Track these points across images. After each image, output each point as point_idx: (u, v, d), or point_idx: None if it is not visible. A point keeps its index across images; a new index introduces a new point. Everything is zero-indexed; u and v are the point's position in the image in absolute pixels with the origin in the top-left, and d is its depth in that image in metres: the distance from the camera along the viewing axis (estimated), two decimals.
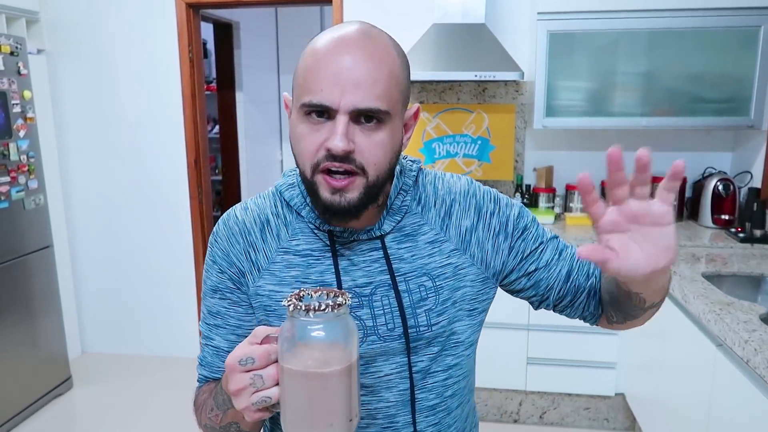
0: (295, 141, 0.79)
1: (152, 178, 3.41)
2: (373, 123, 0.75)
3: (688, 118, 2.67)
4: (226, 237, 0.89)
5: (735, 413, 1.59)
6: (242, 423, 0.80)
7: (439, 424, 0.92)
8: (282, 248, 0.87)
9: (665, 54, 2.62)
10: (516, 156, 3.12)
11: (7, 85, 2.76)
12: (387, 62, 0.76)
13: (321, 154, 0.76)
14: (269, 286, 0.86)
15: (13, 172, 2.79)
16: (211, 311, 0.90)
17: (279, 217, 0.89)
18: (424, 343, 0.87)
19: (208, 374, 0.91)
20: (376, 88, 0.74)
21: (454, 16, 2.78)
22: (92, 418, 2.94)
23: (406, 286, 0.86)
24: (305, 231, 0.87)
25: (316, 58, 0.75)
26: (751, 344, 1.45)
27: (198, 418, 0.89)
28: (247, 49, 4.61)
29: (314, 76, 0.74)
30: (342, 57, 0.73)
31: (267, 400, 0.68)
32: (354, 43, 0.75)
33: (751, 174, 2.79)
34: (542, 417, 2.80)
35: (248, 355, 0.68)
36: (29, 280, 2.91)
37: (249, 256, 0.87)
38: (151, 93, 3.32)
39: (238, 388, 0.69)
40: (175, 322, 3.54)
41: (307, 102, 0.74)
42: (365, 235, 0.85)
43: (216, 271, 0.89)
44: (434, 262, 0.88)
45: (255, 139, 4.82)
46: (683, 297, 1.93)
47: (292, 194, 0.88)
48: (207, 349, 0.91)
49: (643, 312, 0.87)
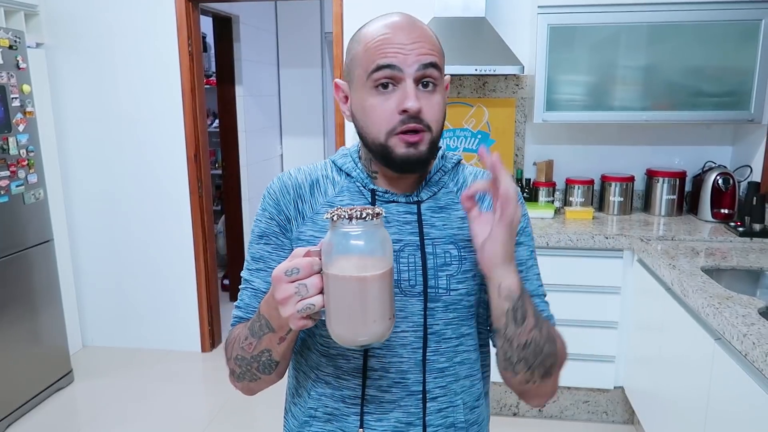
0: (365, 114, 0.89)
1: (152, 172, 3.41)
2: (430, 87, 0.87)
3: (688, 112, 2.67)
4: (279, 189, 0.98)
5: (733, 406, 1.60)
6: (274, 351, 0.87)
7: (446, 388, 0.97)
8: (327, 202, 0.96)
9: (665, 48, 2.62)
10: (516, 150, 3.11)
11: (6, 79, 2.75)
12: (434, 37, 0.90)
13: (396, 120, 0.86)
14: (310, 231, 0.95)
15: (12, 167, 2.79)
16: (255, 257, 0.97)
17: (328, 179, 0.98)
18: (441, 307, 0.94)
19: (244, 315, 0.97)
20: (433, 46, 0.87)
21: (454, 10, 2.77)
22: (93, 412, 2.96)
23: (433, 250, 0.94)
24: (351, 189, 0.96)
25: (374, 36, 0.87)
26: (749, 338, 1.45)
27: (228, 353, 0.95)
28: (247, 43, 4.59)
29: (378, 48, 0.85)
30: (398, 31, 0.86)
31: (311, 307, 0.74)
32: (406, 22, 0.88)
33: (750, 168, 2.79)
34: (541, 410, 2.81)
35: (294, 266, 0.74)
36: (30, 274, 2.91)
37: (297, 205, 0.96)
38: (150, 87, 3.31)
39: (285, 296, 0.74)
40: (176, 316, 3.55)
41: (375, 66, 0.85)
42: (404, 199, 0.95)
43: (266, 218, 0.97)
44: (463, 234, 0.95)
45: (255, 133, 4.81)
46: (682, 291, 1.93)
47: (345, 161, 0.99)
48: (246, 292, 0.97)
49: (498, 347, 0.89)
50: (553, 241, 2.54)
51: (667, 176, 2.89)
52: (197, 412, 2.89)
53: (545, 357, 0.89)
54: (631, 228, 2.67)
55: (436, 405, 0.96)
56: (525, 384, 0.91)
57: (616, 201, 2.95)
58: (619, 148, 3.07)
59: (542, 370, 0.90)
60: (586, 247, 2.53)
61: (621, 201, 2.95)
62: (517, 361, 0.88)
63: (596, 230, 2.61)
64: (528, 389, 0.93)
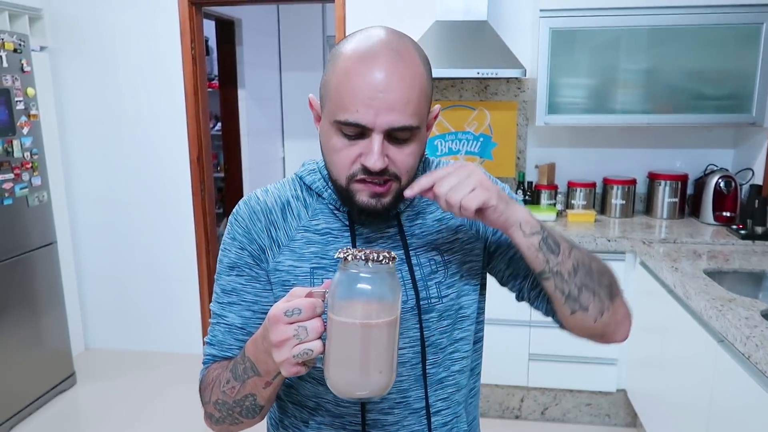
0: (328, 151, 0.84)
1: (155, 174, 3.41)
2: (402, 141, 0.80)
3: (690, 115, 2.67)
4: (248, 215, 0.91)
5: (736, 409, 1.60)
6: (259, 395, 0.81)
7: (449, 400, 0.94)
8: (302, 227, 0.91)
9: (667, 51, 2.63)
10: (518, 153, 3.12)
11: (11, 82, 2.77)
12: (417, 81, 0.79)
13: (357, 167, 0.81)
14: (289, 261, 0.89)
15: (16, 169, 2.79)
16: (226, 289, 0.91)
17: (299, 200, 0.93)
18: (435, 316, 0.91)
19: (218, 353, 0.91)
20: (408, 108, 0.78)
21: (456, 13, 2.78)
22: (96, 414, 2.96)
23: (417, 260, 0.91)
24: (325, 212, 0.91)
25: (348, 76, 0.78)
26: (752, 340, 1.45)
27: (205, 396, 0.89)
28: (249, 47, 4.61)
29: (348, 94, 0.77)
30: (375, 78, 0.76)
31: (309, 352, 0.69)
32: (385, 62, 0.77)
33: (752, 171, 2.79)
34: (544, 413, 2.81)
35: (295, 307, 0.69)
36: (33, 276, 2.92)
37: (270, 233, 0.90)
38: (153, 90, 3.32)
39: (282, 339, 0.69)
40: (178, 318, 3.55)
41: (343, 120, 0.78)
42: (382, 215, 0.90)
43: (236, 247, 0.91)
44: (442, 237, 0.93)
45: (257, 136, 4.82)
46: (685, 293, 1.93)
47: (314, 179, 0.93)
48: (219, 328, 0.91)
49: (553, 292, 0.85)
50: None
51: (668, 179, 2.90)
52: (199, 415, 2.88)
53: (600, 274, 0.86)
54: (633, 231, 2.67)
55: (440, 419, 0.93)
56: (600, 316, 0.85)
57: (618, 204, 2.95)
58: (621, 150, 3.07)
59: (605, 289, 0.86)
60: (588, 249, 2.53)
61: (623, 204, 2.95)
62: (578, 293, 0.83)
63: (598, 233, 2.62)
64: (607, 321, 0.86)
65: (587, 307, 0.84)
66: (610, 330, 0.88)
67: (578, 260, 0.84)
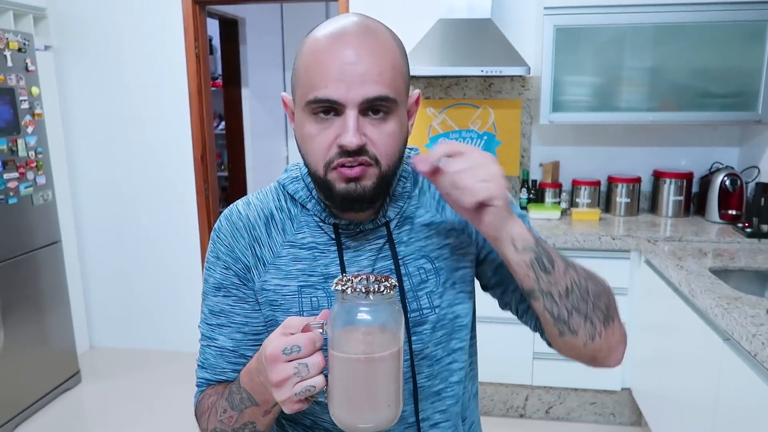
0: (303, 141, 0.78)
1: (159, 173, 3.42)
2: (381, 114, 0.75)
3: (695, 113, 2.66)
4: (230, 232, 0.87)
5: (742, 407, 1.59)
6: (258, 423, 0.78)
7: (447, 412, 0.91)
8: (287, 242, 0.86)
9: (672, 49, 2.61)
10: (522, 151, 3.11)
11: (15, 81, 2.77)
12: (389, 54, 0.75)
13: (333, 152, 0.75)
14: (275, 280, 0.85)
15: (21, 168, 2.80)
16: (213, 310, 0.87)
17: (283, 211, 0.88)
18: (429, 328, 0.87)
19: (212, 377, 0.88)
20: (382, 79, 0.73)
21: (460, 11, 2.77)
22: (100, 412, 2.97)
23: (406, 270, 0.86)
24: (310, 224, 0.86)
25: (317, 55, 0.74)
26: (758, 338, 1.45)
27: (202, 423, 0.86)
28: (253, 46, 4.61)
29: (318, 72, 0.73)
30: (344, 51, 0.72)
31: (311, 389, 0.66)
32: (354, 37, 0.74)
33: (758, 169, 2.78)
34: (548, 412, 2.81)
35: (294, 344, 0.66)
36: (38, 275, 2.93)
37: (254, 250, 0.86)
38: (157, 89, 3.33)
39: (282, 378, 0.66)
40: (183, 317, 3.56)
41: (313, 98, 0.73)
42: (371, 225, 0.85)
43: (220, 267, 0.87)
44: (432, 244, 0.88)
45: (261, 135, 4.83)
46: (690, 291, 1.92)
47: (297, 187, 0.87)
48: (209, 351, 0.88)
49: (542, 312, 0.79)
50: (559, 243, 2.53)
51: (674, 177, 2.89)
52: None
53: (596, 297, 0.78)
54: (638, 229, 2.66)
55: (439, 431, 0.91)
56: (591, 340, 0.79)
57: (623, 202, 2.94)
58: (626, 149, 3.06)
59: (600, 313, 0.79)
60: (592, 248, 2.53)
61: (628, 202, 2.94)
62: (569, 315, 0.77)
63: (603, 231, 2.61)
64: (598, 346, 0.80)
65: (576, 330, 0.78)
66: (601, 355, 0.82)
67: (573, 281, 0.77)
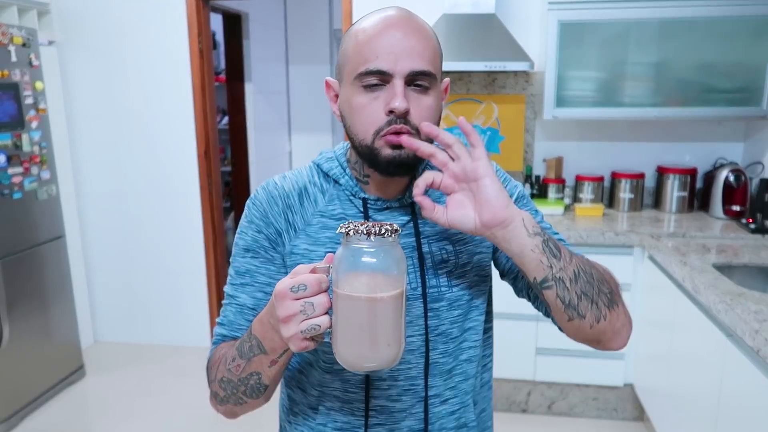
0: (352, 112, 0.85)
1: (163, 168, 3.43)
2: (422, 89, 0.83)
3: (700, 108, 2.65)
4: (266, 199, 0.93)
5: (745, 404, 1.59)
6: (264, 374, 0.82)
7: (457, 389, 0.95)
8: (318, 212, 0.92)
9: (676, 44, 2.60)
10: (525, 147, 3.11)
11: (20, 76, 2.78)
12: (431, 37, 0.85)
13: (382, 119, 0.82)
14: (304, 245, 0.90)
15: (26, 163, 2.81)
16: (239, 271, 0.92)
17: (316, 186, 0.94)
18: (446, 306, 0.92)
19: (228, 332, 0.92)
20: (425, 54, 0.82)
21: (464, 7, 2.77)
22: (104, 406, 2.98)
23: (429, 249, 0.92)
24: (341, 197, 0.92)
25: (367, 34, 0.82)
26: (761, 334, 1.44)
27: (211, 375, 0.90)
28: (256, 40, 4.61)
29: (369, 48, 0.81)
30: (392, 31, 0.82)
31: (316, 328, 0.69)
32: (400, 20, 0.83)
33: (762, 165, 2.77)
34: (551, 407, 2.81)
35: (300, 282, 0.69)
36: (42, 270, 2.94)
37: (287, 216, 0.91)
38: (161, 84, 3.33)
39: (288, 314, 0.70)
40: (186, 312, 3.57)
41: (364, 70, 0.81)
42: (397, 203, 0.92)
43: (252, 230, 0.92)
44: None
45: (264, 130, 4.82)
46: (694, 287, 1.92)
47: (331, 165, 0.94)
48: (230, 308, 0.92)
49: (554, 300, 0.82)
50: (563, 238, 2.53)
51: (677, 173, 2.88)
52: (207, 408, 2.90)
53: (600, 282, 0.84)
54: (642, 225, 2.66)
55: (448, 408, 0.94)
56: (597, 323, 0.84)
57: (627, 198, 2.94)
58: (630, 144, 3.05)
59: (605, 298, 0.84)
60: (596, 243, 2.52)
61: (631, 198, 2.94)
62: (578, 300, 0.81)
63: (606, 227, 2.61)
64: (603, 329, 0.85)
65: (584, 315, 0.83)
66: (606, 338, 0.88)
67: (579, 266, 0.82)
